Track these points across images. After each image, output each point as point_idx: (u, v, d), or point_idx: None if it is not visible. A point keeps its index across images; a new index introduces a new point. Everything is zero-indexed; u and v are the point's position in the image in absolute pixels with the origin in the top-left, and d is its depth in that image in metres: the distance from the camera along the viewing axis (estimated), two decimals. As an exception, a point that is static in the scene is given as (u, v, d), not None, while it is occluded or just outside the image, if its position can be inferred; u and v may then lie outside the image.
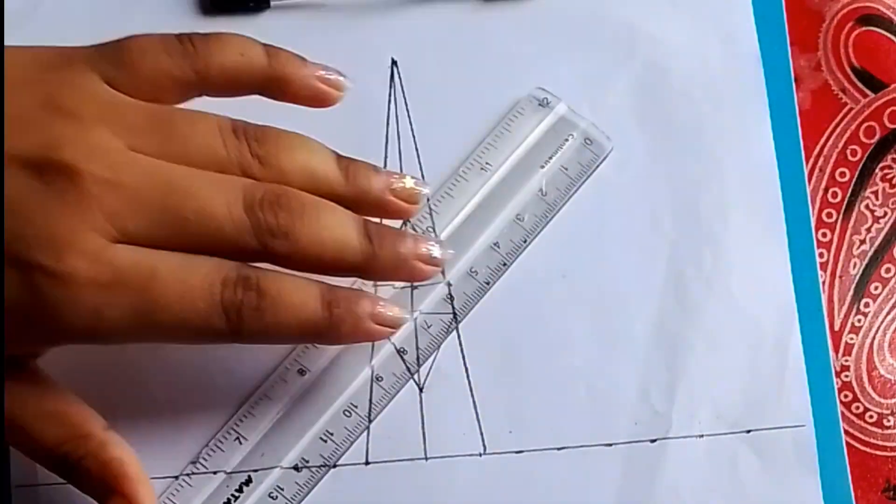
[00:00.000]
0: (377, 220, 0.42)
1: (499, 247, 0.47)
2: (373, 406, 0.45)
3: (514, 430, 0.46)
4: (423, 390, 0.46)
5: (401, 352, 0.45)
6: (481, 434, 0.46)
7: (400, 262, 0.41)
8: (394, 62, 0.48)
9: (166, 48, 0.41)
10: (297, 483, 0.44)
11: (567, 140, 0.47)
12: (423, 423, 0.45)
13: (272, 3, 0.49)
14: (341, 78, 0.43)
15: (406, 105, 0.48)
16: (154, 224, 0.38)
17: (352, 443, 0.45)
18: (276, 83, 0.42)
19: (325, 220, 0.40)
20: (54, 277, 0.37)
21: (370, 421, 0.45)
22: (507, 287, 0.47)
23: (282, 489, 0.44)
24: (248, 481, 0.44)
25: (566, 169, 0.47)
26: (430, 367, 0.46)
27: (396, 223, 0.45)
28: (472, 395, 0.46)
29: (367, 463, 0.45)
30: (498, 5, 0.49)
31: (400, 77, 0.48)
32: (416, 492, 0.45)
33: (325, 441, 0.45)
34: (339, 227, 0.40)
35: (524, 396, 0.46)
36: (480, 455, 0.45)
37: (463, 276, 0.46)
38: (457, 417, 0.46)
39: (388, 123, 0.48)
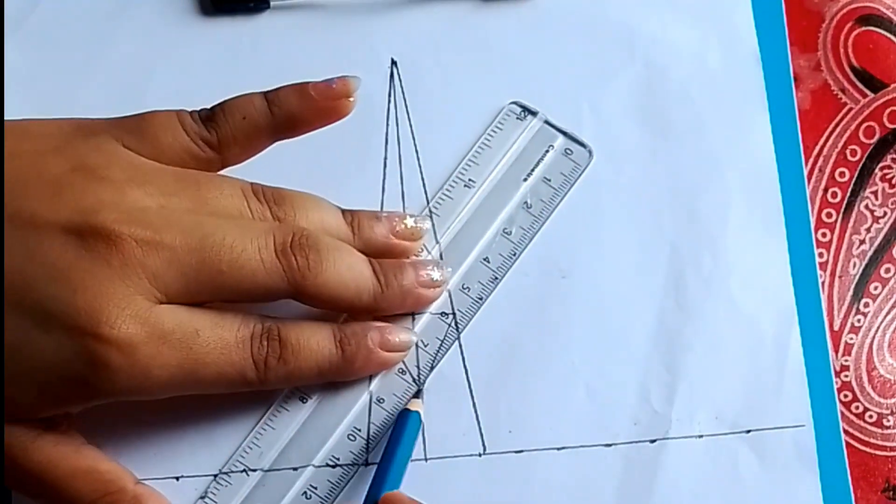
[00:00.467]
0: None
1: (489, 262, 0.47)
2: (371, 423, 0.45)
3: (513, 430, 0.46)
4: (423, 390, 0.46)
5: (400, 372, 0.46)
6: (481, 434, 0.46)
7: (406, 293, 0.44)
8: (394, 62, 0.49)
9: (183, 126, 0.42)
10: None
11: (548, 151, 0.48)
12: (422, 423, 0.45)
13: (272, 4, 0.49)
14: (348, 80, 0.44)
15: (406, 105, 0.48)
16: (192, 281, 0.40)
17: (357, 468, 0.45)
18: (286, 127, 0.43)
19: (347, 259, 0.42)
20: (109, 343, 0.38)
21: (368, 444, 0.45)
22: (507, 287, 0.47)
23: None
24: None
25: (549, 180, 0.48)
26: (430, 368, 0.46)
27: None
28: (472, 396, 0.46)
29: (366, 463, 0.45)
30: (498, 5, 0.49)
31: (400, 77, 0.48)
32: (417, 492, 0.45)
33: (333, 467, 0.45)
34: (356, 266, 0.43)
35: (524, 397, 0.46)
36: (480, 455, 0.45)
37: (455, 293, 0.47)
38: (457, 417, 0.46)
39: (388, 123, 0.48)
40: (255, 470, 0.45)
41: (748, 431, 0.46)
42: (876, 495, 0.47)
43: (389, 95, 0.48)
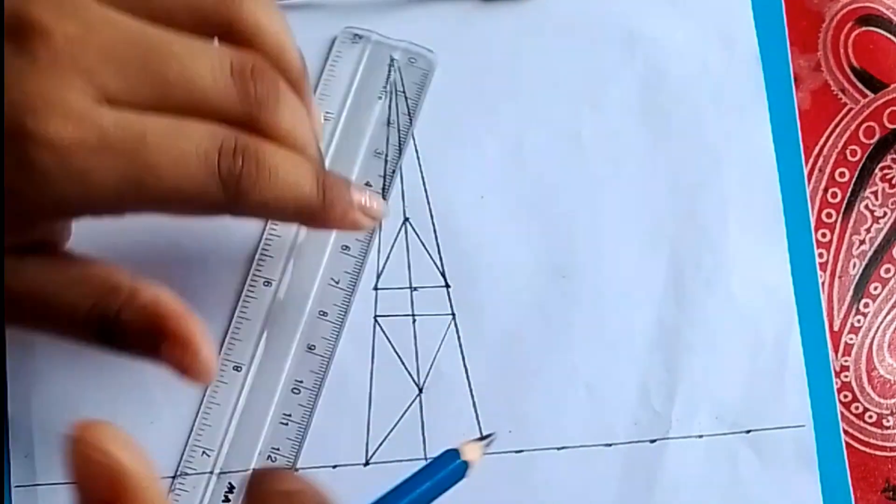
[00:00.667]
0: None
1: (370, 186, 0.47)
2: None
3: (514, 430, 0.46)
4: (423, 391, 0.46)
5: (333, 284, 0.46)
6: (481, 434, 0.46)
7: (346, 211, 0.41)
8: (393, 62, 0.48)
9: None
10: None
11: (392, 65, 0.48)
12: (422, 423, 0.46)
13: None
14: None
15: (406, 105, 0.48)
16: (136, 84, 0.36)
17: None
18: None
19: (284, 169, 0.38)
20: (41, 143, 0.35)
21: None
22: (506, 287, 0.47)
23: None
24: (231, 489, 0.45)
25: (402, 92, 0.48)
26: (430, 368, 0.46)
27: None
28: (472, 396, 0.46)
29: (366, 463, 0.45)
30: (498, 5, 0.49)
31: (400, 77, 0.48)
32: (416, 492, 0.45)
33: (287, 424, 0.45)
34: (297, 176, 0.39)
35: (524, 396, 0.46)
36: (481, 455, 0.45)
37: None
38: (456, 417, 0.46)
39: (388, 123, 0.48)
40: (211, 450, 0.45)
41: (748, 431, 0.46)
42: (876, 495, 0.47)
43: (389, 96, 0.48)
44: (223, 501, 0.44)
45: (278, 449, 0.45)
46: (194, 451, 0.44)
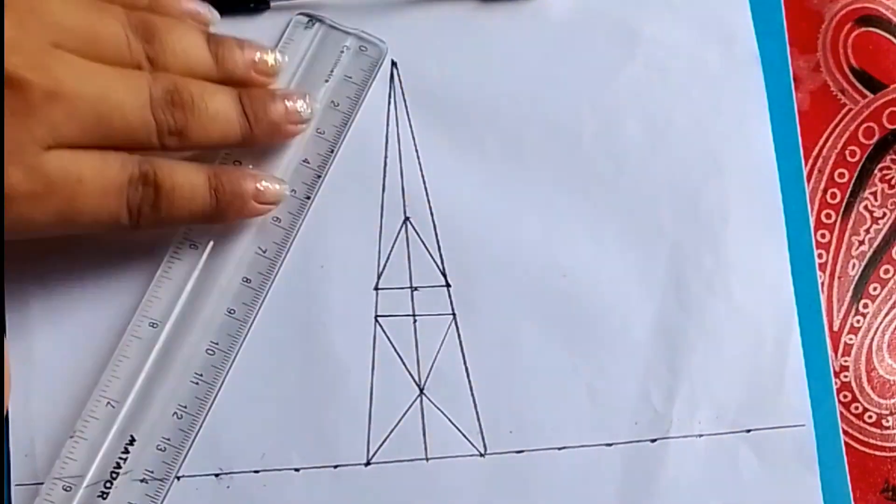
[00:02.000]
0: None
1: (308, 162, 0.47)
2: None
3: (514, 430, 0.46)
4: (424, 391, 0.46)
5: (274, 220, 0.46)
6: (482, 434, 0.46)
7: (274, 129, 0.45)
8: (393, 62, 0.48)
9: None
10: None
11: (342, 52, 0.48)
12: (423, 423, 0.46)
13: (272, 4, 0.49)
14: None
15: (406, 105, 0.48)
16: (87, 133, 0.41)
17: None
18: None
19: (213, 105, 0.43)
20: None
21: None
22: (506, 287, 0.47)
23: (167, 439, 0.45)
24: (132, 441, 0.45)
25: (350, 77, 0.48)
26: (431, 368, 0.46)
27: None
28: (473, 396, 0.46)
29: (367, 464, 0.45)
30: (498, 5, 0.49)
31: (400, 77, 0.48)
32: (417, 492, 0.45)
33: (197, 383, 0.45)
34: (223, 112, 0.44)
35: (524, 396, 0.46)
36: (481, 455, 0.46)
37: (287, 201, 0.47)
38: (457, 418, 0.46)
39: (388, 123, 0.48)
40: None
41: (748, 431, 0.46)
42: (875, 496, 0.47)
43: (389, 96, 0.48)
44: (122, 453, 0.44)
45: (185, 406, 0.45)
46: (98, 402, 0.44)
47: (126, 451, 0.44)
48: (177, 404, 0.45)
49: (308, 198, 0.47)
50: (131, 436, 0.44)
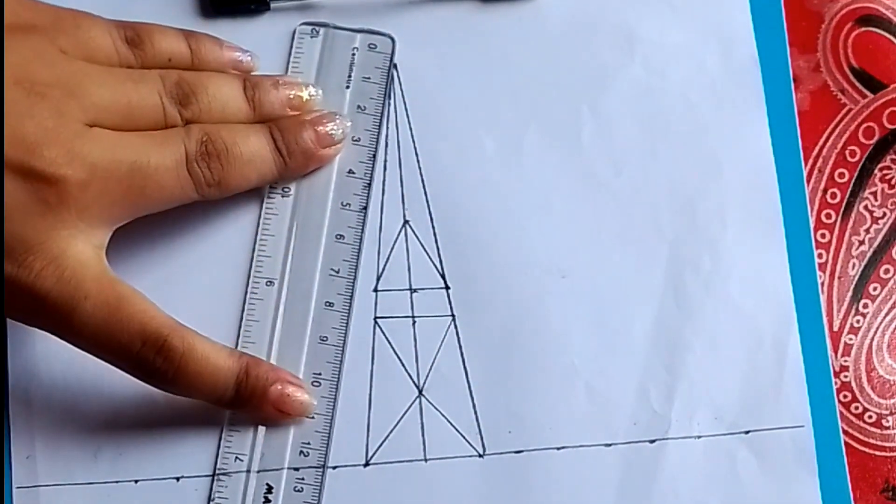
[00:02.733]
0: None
1: (354, 173, 0.47)
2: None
3: (513, 430, 0.46)
4: (423, 392, 0.46)
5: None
6: (481, 435, 0.46)
7: (308, 157, 0.46)
8: (393, 63, 0.49)
9: (114, 43, 0.45)
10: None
11: (354, 53, 0.48)
12: (422, 424, 0.46)
13: (272, 5, 0.49)
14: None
15: (405, 106, 0.48)
16: (115, 206, 0.42)
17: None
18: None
19: (248, 149, 0.45)
20: (13, 279, 0.41)
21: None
22: (506, 287, 0.47)
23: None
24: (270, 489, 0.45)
25: (368, 78, 0.48)
26: (430, 369, 0.46)
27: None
28: (472, 396, 0.46)
29: (366, 464, 0.45)
30: (498, 6, 0.49)
31: (399, 77, 0.48)
32: (416, 493, 0.45)
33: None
34: (258, 154, 0.45)
35: (523, 397, 0.46)
36: (480, 456, 0.46)
37: (336, 213, 0.47)
38: (456, 418, 0.46)
39: (387, 124, 0.48)
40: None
41: (747, 432, 0.46)
42: (875, 496, 0.47)
43: (389, 97, 0.48)
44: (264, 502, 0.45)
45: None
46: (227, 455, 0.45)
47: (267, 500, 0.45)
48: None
49: (364, 208, 0.47)
50: (268, 484, 0.45)
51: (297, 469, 0.45)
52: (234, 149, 0.44)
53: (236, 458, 0.45)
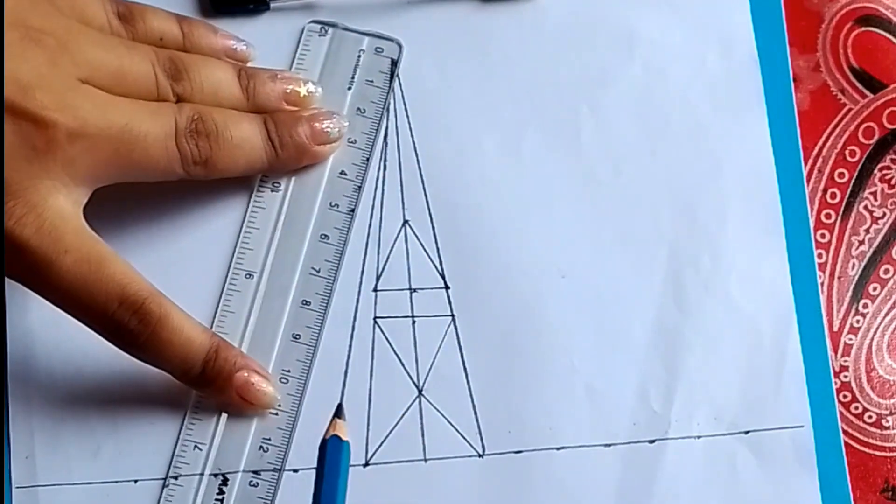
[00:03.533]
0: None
1: (346, 174, 0.47)
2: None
3: (513, 430, 0.46)
4: (423, 392, 0.46)
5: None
6: (480, 435, 0.46)
7: (301, 152, 0.46)
8: (393, 62, 0.49)
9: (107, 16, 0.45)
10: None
11: (360, 56, 0.48)
12: (422, 424, 0.46)
13: (272, 5, 0.49)
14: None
15: (405, 106, 0.48)
16: (100, 165, 0.42)
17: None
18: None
19: (238, 133, 0.44)
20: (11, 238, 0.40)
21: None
22: (506, 287, 0.47)
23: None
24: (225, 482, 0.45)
25: (371, 81, 0.48)
26: (430, 369, 0.46)
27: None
28: (472, 396, 0.46)
29: (366, 464, 0.45)
30: (498, 5, 0.49)
31: (399, 77, 0.48)
32: (415, 493, 0.45)
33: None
34: (248, 140, 0.45)
35: (523, 397, 0.46)
36: (480, 456, 0.46)
37: (326, 213, 0.47)
38: (456, 418, 0.46)
39: (386, 124, 0.48)
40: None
41: (747, 432, 0.46)
42: (875, 496, 0.47)
43: (389, 96, 0.48)
44: (217, 495, 0.45)
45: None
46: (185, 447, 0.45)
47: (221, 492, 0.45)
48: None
49: (352, 211, 0.47)
50: (223, 476, 0.45)
51: (255, 470, 0.45)
52: (225, 131, 0.44)
53: (196, 446, 0.45)
